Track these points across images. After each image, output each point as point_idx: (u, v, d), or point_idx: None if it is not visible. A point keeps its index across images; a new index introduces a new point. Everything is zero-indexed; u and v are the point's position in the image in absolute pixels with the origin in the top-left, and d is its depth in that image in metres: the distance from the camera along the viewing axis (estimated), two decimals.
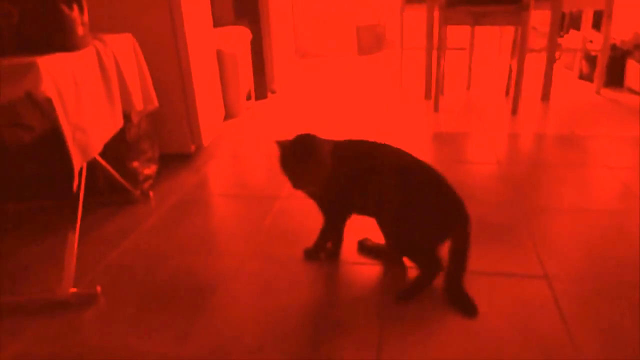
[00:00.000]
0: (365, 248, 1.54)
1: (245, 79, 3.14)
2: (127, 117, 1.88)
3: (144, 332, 1.24)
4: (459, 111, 3.04)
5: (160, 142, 2.28)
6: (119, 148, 1.95)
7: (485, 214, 1.74)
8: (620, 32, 3.41)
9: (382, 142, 1.35)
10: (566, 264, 1.42)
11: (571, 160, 2.19)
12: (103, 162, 1.80)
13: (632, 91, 3.26)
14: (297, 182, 1.33)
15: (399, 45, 3.66)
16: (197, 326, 1.25)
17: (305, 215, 1.79)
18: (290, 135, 1.32)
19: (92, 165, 1.80)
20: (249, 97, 3.26)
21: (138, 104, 1.79)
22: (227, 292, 1.38)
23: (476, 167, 2.18)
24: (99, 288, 1.40)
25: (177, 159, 2.40)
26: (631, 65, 3.28)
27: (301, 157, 1.30)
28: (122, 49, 1.73)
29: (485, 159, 2.25)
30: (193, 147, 2.40)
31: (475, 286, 1.34)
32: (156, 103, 1.93)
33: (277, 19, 3.61)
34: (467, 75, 3.56)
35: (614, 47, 3.35)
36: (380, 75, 4.18)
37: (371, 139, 1.36)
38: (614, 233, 1.59)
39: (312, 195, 1.43)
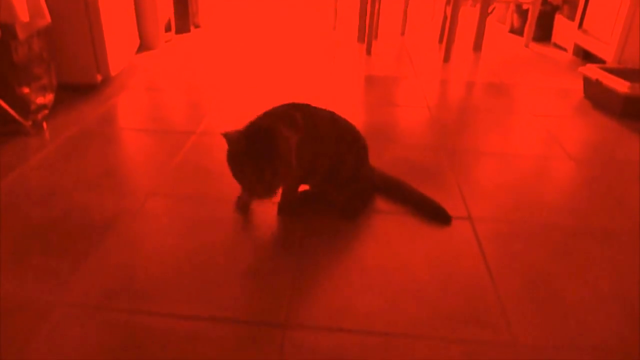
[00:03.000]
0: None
1: (164, 7, 2.83)
2: (11, 32, 1.60)
3: (23, 277, 1.06)
4: (392, 56, 2.94)
5: (61, 69, 1.99)
6: (5, 70, 1.67)
7: (412, 156, 1.67)
8: None
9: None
10: (490, 206, 1.39)
11: (498, 107, 2.16)
12: None
13: (558, 46, 3.30)
14: (257, 187, 1.08)
15: None
16: (86, 269, 1.09)
17: (221, 152, 1.63)
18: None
19: None
20: (168, 29, 2.96)
21: (23, 15, 1.51)
22: (124, 232, 1.22)
23: (406, 110, 2.10)
24: None
25: (81, 89, 2.13)
26: (559, 20, 3.30)
27: (262, 153, 1.06)
28: None
29: (415, 103, 2.18)
30: (99, 77, 2.13)
31: (398, 227, 1.27)
32: (48, 17, 1.66)
33: None
34: (402, 20, 3.45)
35: (544, 2, 3.35)
36: (314, 16, 3.97)
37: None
38: (537, 177, 1.57)
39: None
